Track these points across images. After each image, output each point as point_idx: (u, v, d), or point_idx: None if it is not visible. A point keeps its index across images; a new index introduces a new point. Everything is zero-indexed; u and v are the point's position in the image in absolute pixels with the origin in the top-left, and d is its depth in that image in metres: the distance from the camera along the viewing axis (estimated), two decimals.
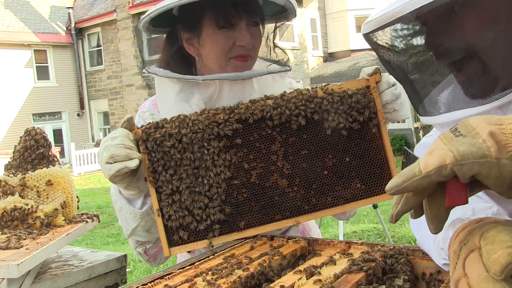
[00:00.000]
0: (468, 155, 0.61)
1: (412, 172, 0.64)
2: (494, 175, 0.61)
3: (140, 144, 1.29)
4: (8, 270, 1.08)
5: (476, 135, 0.63)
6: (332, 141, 1.32)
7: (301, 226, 1.59)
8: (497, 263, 0.59)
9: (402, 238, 6.24)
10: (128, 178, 1.27)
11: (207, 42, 1.42)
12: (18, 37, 20.73)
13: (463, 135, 0.65)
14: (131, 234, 1.41)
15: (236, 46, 1.41)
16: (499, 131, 0.63)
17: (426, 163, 0.64)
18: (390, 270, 1.01)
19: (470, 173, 0.61)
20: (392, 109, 1.33)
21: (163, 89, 1.47)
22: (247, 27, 1.41)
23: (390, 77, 1.34)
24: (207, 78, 1.39)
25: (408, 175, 0.64)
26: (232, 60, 1.43)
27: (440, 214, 0.68)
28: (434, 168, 0.62)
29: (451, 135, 0.66)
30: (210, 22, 1.40)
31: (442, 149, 0.64)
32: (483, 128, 0.64)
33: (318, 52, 23.73)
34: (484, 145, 0.61)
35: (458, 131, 0.66)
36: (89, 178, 17.18)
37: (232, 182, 1.30)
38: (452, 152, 0.62)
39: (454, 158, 0.61)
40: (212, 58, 1.44)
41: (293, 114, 1.30)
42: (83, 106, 23.19)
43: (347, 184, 1.33)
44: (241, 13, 1.39)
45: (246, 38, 1.40)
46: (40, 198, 1.49)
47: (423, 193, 0.67)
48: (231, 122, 1.29)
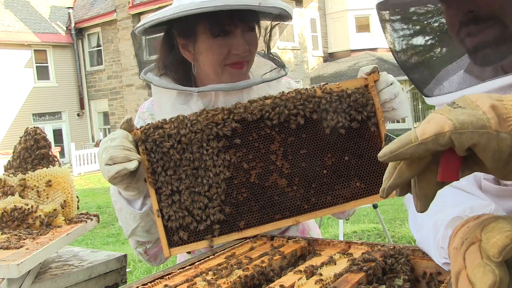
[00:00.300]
0: (468, 124, 0.59)
1: (407, 139, 0.62)
2: (493, 148, 0.59)
3: (140, 145, 1.29)
4: (8, 270, 1.08)
5: (476, 107, 0.62)
6: (331, 140, 1.32)
7: (300, 225, 1.59)
8: (495, 245, 0.59)
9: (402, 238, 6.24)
10: (128, 179, 1.27)
11: (202, 50, 1.42)
12: (18, 37, 20.73)
13: (462, 107, 0.63)
14: (131, 235, 1.41)
15: (232, 54, 1.40)
16: (501, 104, 0.61)
17: (423, 130, 0.61)
18: (390, 270, 1.01)
19: (468, 142, 0.59)
20: (391, 108, 1.33)
21: (159, 96, 1.47)
22: (242, 33, 1.41)
23: (388, 76, 1.34)
24: (202, 89, 1.39)
25: (404, 142, 0.62)
26: (227, 68, 1.42)
27: (429, 191, 0.66)
28: (431, 135, 0.60)
29: (448, 108, 0.64)
30: (205, 31, 1.39)
31: (440, 117, 0.62)
32: (483, 101, 0.62)
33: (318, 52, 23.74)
34: (484, 116, 0.60)
35: (457, 104, 0.64)
36: (89, 178, 17.18)
37: (231, 182, 1.30)
38: (451, 120, 0.60)
39: (453, 126, 0.59)
40: (208, 65, 1.44)
41: (291, 114, 1.30)
42: (83, 106, 23.19)
43: (347, 183, 1.33)
44: (236, 21, 1.39)
45: (241, 46, 1.39)
46: (40, 198, 1.49)
47: (418, 164, 0.64)
48: (230, 122, 1.29)
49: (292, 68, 20.46)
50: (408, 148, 0.61)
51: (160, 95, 1.47)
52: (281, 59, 1.57)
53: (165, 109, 1.43)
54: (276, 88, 1.48)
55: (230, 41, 1.40)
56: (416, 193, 0.67)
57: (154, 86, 1.46)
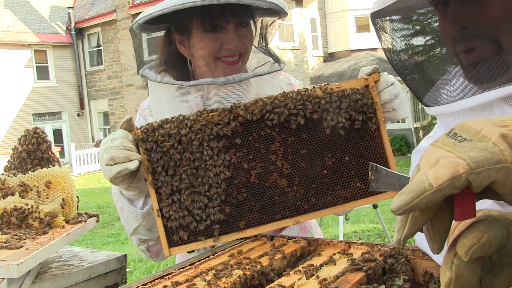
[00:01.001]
0: (483, 162, 0.55)
1: (421, 187, 0.57)
2: (511, 182, 0.55)
3: (140, 145, 1.29)
4: (8, 270, 1.08)
5: (483, 139, 0.58)
6: (331, 140, 1.32)
7: (302, 223, 1.59)
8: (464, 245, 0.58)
9: None
10: (129, 179, 1.27)
11: (195, 45, 1.45)
12: (18, 37, 20.73)
13: (468, 140, 0.59)
14: (133, 233, 1.42)
15: (224, 48, 1.42)
16: (510, 132, 0.57)
17: (436, 175, 0.57)
18: (390, 270, 1.01)
19: (487, 181, 0.56)
20: (391, 108, 1.33)
21: (155, 91, 1.50)
22: (235, 28, 1.42)
23: (389, 76, 1.34)
24: (193, 83, 1.42)
25: (417, 191, 0.57)
26: (221, 64, 1.44)
27: (443, 230, 0.63)
28: (446, 180, 0.56)
29: (451, 141, 0.60)
30: (198, 26, 1.42)
31: (450, 157, 0.57)
32: (490, 130, 0.58)
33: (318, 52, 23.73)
34: (497, 149, 0.56)
35: (460, 136, 0.60)
36: (89, 178, 17.18)
37: (231, 182, 1.30)
38: (464, 160, 0.56)
39: (468, 167, 0.55)
40: (201, 60, 1.47)
41: (292, 114, 1.30)
42: (83, 106, 23.19)
43: (347, 183, 1.33)
44: (228, 16, 1.40)
45: (233, 41, 1.41)
46: (40, 198, 1.49)
47: (432, 209, 0.61)
48: (230, 122, 1.30)
49: (292, 68, 20.46)
50: (423, 198, 0.57)
51: (156, 90, 1.49)
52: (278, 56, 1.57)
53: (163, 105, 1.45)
54: (273, 84, 1.49)
55: (222, 35, 1.41)
56: (430, 235, 0.63)
57: (149, 81, 1.48)
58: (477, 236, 0.58)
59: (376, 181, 0.74)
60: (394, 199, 0.60)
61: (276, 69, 1.49)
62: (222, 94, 1.43)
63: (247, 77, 1.42)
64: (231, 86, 1.43)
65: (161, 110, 1.46)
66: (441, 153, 0.59)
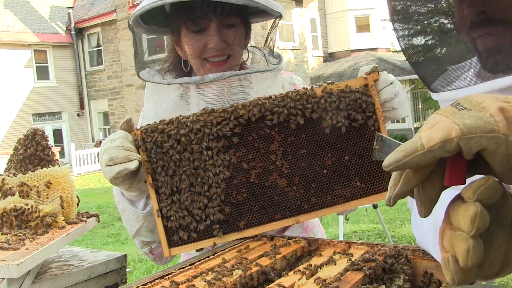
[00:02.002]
0: (476, 129, 0.57)
1: (413, 147, 0.59)
2: (501, 152, 0.57)
3: (140, 145, 1.29)
4: (8, 270, 1.08)
5: (482, 109, 0.59)
6: (331, 140, 1.32)
7: (304, 223, 1.59)
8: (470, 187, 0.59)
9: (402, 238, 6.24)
10: (129, 180, 1.28)
11: (184, 45, 1.48)
12: (18, 37, 20.73)
13: (467, 109, 0.60)
14: (136, 235, 1.42)
15: (208, 48, 1.43)
16: (509, 106, 0.59)
17: (429, 136, 0.59)
18: (390, 270, 1.01)
19: (477, 147, 0.57)
20: (391, 107, 1.33)
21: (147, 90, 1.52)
22: (219, 28, 1.42)
23: (388, 75, 1.34)
24: (171, 82, 1.44)
25: (409, 150, 0.59)
26: (207, 64, 1.45)
27: (433, 195, 0.64)
28: (438, 142, 0.58)
29: (453, 109, 0.61)
30: (183, 26, 1.44)
31: (446, 121, 0.59)
32: (490, 103, 0.60)
33: (318, 52, 23.74)
34: (492, 119, 0.57)
35: (461, 105, 0.62)
36: (89, 178, 17.18)
37: (231, 182, 1.30)
38: (458, 125, 0.58)
39: (460, 131, 0.57)
40: (191, 60, 1.50)
41: (291, 114, 1.30)
42: (83, 106, 23.19)
43: (347, 182, 1.33)
44: (210, 16, 1.40)
45: (214, 40, 1.41)
46: (40, 198, 1.49)
47: (424, 171, 0.62)
48: (230, 122, 1.30)
49: (292, 68, 20.46)
50: (414, 157, 0.59)
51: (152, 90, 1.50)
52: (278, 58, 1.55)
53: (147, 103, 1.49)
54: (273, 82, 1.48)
55: (205, 36, 1.42)
56: (420, 198, 0.65)
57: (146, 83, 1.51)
58: (484, 179, 0.59)
59: (380, 150, 0.76)
60: (388, 156, 0.62)
61: (258, 69, 1.47)
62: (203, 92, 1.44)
63: (224, 76, 1.40)
64: (212, 85, 1.42)
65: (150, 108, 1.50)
66: (440, 118, 0.61)
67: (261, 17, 1.55)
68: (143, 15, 1.42)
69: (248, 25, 1.53)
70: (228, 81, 1.42)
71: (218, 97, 1.42)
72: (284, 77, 1.60)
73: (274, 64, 1.51)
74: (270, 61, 1.52)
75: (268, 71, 1.47)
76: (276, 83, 1.51)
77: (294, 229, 1.55)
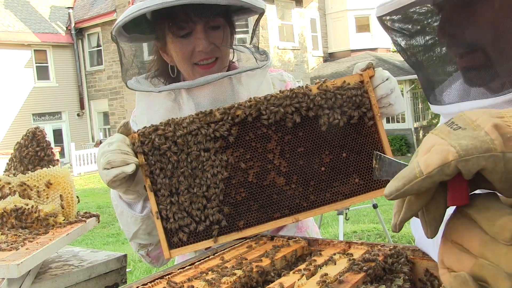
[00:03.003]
0: (472, 150, 0.56)
1: (412, 174, 0.59)
2: (500, 170, 0.57)
3: (137, 148, 1.29)
4: (8, 270, 1.08)
5: (477, 127, 0.59)
6: (328, 137, 1.32)
7: (299, 223, 1.59)
8: (505, 229, 0.57)
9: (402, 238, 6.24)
10: (127, 183, 1.28)
11: (171, 51, 1.46)
12: (18, 37, 20.73)
13: (462, 128, 0.60)
14: (133, 238, 1.42)
15: (196, 52, 1.42)
16: (503, 123, 0.58)
17: (426, 162, 0.59)
18: (390, 270, 1.01)
19: (475, 168, 0.57)
20: (387, 103, 1.33)
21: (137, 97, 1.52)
22: (205, 30, 1.41)
23: (384, 71, 1.34)
24: (163, 89, 1.43)
25: (408, 177, 0.60)
26: (197, 68, 1.44)
27: (438, 215, 0.64)
28: (436, 167, 0.58)
29: (447, 129, 0.62)
30: (168, 32, 1.43)
31: (442, 144, 0.59)
32: (485, 120, 0.59)
33: (318, 52, 23.74)
34: (488, 137, 0.57)
35: (456, 124, 0.62)
36: (89, 178, 17.18)
37: (229, 182, 1.30)
38: (454, 148, 0.57)
39: (457, 154, 0.57)
40: (179, 66, 1.48)
41: (287, 112, 1.30)
42: (83, 106, 23.19)
43: (345, 179, 1.33)
44: (195, 19, 1.39)
45: (202, 44, 1.40)
46: (40, 198, 1.49)
47: (426, 195, 0.62)
48: (226, 123, 1.30)
49: (292, 68, 20.46)
50: (414, 184, 0.59)
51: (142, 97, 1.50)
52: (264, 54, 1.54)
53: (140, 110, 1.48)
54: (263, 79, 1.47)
55: (192, 39, 1.41)
56: (425, 219, 0.65)
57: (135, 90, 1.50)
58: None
59: (380, 169, 0.76)
60: (388, 184, 0.62)
61: (246, 68, 1.46)
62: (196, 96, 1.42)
63: (215, 78, 1.39)
64: (204, 88, 1.40)
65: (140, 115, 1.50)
66: (435, 140, 0.61)
67: (245, 14, 1.55)
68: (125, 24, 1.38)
69: (232, 24, 1.52)
70: (219, 83, 1.41)
71: (210, 99, 1.41)
72: (273, 74, 1.59)
73: (262, 61, 1.50)
74: (258, 58, 1.51)
75: (258, 68, 1.47)
76: (266, 81, 1.50)
77: (288, 229, 1.55)
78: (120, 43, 1.47)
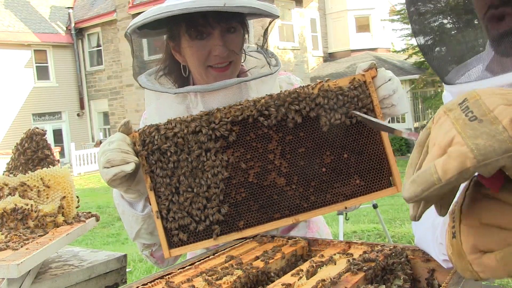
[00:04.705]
0: (491, 153, 0.55)
1: (430, 180, 0.59)
2: None
3: (137, 147, 1.30)
4: (8, 270, 1.08)
5: (494, 121, 0.57)
6: (330, 138, 1.31)
7: (310, 223, 1.59)
8: None
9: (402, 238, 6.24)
10: (127, 182, 1.28)
11: (185, 52, 1.45)
12: (18, 37, 20.73)
13: (478, 120, 0.59)
14: (136, 237, 1.42)
15: (212, 56, 1.41)
16: None
17: (444, 168, 0.58)
18: (390, 270, 1.01)
19: (495, 169, 0.56)
20: (390, 104, 1.32)
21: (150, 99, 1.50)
22: (222, 34, 1.40)
23: (386, 71, 1.33)
24: (178, 91, 1.41)
25: (427, 184, 0.59)
26: (211, 70, 1.43)
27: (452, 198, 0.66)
28: (454, 174, 0.57)
29: (462, 117, 0.60)
30: (184, 34, 1.41)
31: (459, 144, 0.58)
32: (502, 112, 0.58)
33: (318, 52, 23.72)
34: (506, 135, 0.56)
35: (471, 112, 0.60)
36: (89, 178, 17.18)
37: (230, 182, 1.30)
38: (472, 151, 0.56)
39: (475, 160, 0.56)
40: (193, 67, 1.46)
41: (289, 112, 1.30)
42: (83, 106, 23.19)
43: (346, 180, 1.32)
44: (213, 23, 1.38)
45: (219, 48, 1.39)
46: (40, 198, 1.49)
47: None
48: (227, 122, 1.29)
49: (292, 68, 20.44)
50: (433, 190, 0.59)
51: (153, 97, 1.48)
52: (273, 57, 1.55)
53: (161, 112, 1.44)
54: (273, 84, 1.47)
55: (208, 43, 1.40)
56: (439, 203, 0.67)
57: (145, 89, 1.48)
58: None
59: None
60: (406, 186, 0.62)
61: (264, 73, 1.46)
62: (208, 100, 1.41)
63: (231, 83, 1.39)
64: (217, 92, 1.40)
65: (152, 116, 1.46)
66: (452, 133, 0.60)
67: (258, 16, 1.55)
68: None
69: (245, 26, 1.53)
70: (232, 87, 1.41)
71: (222, 103, 1.40)
72: (281, 77, 1.59)
73: (275, 66, 1.50)
74: (271, 63, 1.52)
75: (272, 73, 1.46)
76: (275, 84, 1.51)
77: (300, 229, 1.55)
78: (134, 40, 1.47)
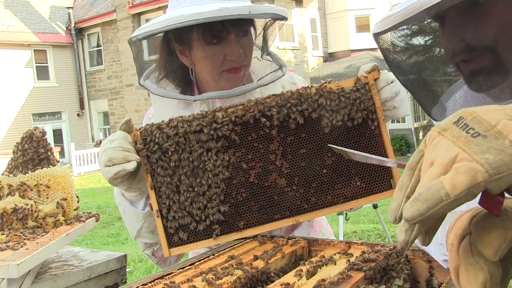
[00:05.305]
0: (503, 167, 0.52)
1: (437, 197, 0.54)
2: None
3: (139, 146, 1.30)
4: (8, 270, 1.08)
5: (499, 135, 0.55)
6: (331, 139, 1.31)
7: (313, 222, 1.59)
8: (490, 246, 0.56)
9: None
10: (128, 180, 1.28)
11: (198, 57, 1.43)
12: (18, 37, 20.72)
13: (482, 135, 0.56)
14: (137, 236, 1.42)
15: (227, 60, 1.40)
16: None
17: (452, 183, 0.54)
18: (390, 270, 1.01)
19: (506, 185, 0.53)
20: (392, 106, 1.32)
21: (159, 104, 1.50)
22: (237, 38, 1.41)
23: (389, 74, 1.33)
24: (198, 98, 1.42)
25: (433, 201, 0.54)
26: (224, 73, 1.43)
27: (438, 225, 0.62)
28: (464, 189, 0.53)
29: (463, 134, 0.57)
30: (199, 38, 1.39)
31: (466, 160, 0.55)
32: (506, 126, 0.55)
33: (318, 52, 23.72)
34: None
35: (472, 128, 0.57)
36: (89, 178, 17.18)
37: (231, 182, 1.30)
38: (482, 166, 0.53)
39: (486, 174, 0.53)
40: (205, 72, 1.45)
41: (290, 113, 1.30)
42: (83, 106, 23.19)
43: (347, 182, 1.32)
44: (229, 28, 1.38)
45: (236, 52, 1.39)
46: (40, 198, 1.49)
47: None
48: (229, 122, 1.29)
49: (292, 68, 20.45)
50: (440, 208, 0.54)
51: (160, 102, 1.48)
52: (279, 59, 1.57)
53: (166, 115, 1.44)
54: (279, 86, 1.49)
55: (224, 47, 1.40)
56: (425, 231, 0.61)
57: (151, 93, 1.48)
58: (503, 235, 0.57)
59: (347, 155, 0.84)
60: (406, 205, 0.56)
61: (278, 76, 1.49)
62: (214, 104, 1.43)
63: (251, 89, 1.42)
64: (236, 97, 1.43)
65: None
66: (454, 151, 0.56)
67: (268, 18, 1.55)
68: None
69: (255, 28, 1.53)
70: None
71: None
72: (284, 77, 1.59)
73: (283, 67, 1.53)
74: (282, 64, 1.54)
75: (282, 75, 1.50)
76: (278, 85, 1.52)
77: (303, 228, 1.55)
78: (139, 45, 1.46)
